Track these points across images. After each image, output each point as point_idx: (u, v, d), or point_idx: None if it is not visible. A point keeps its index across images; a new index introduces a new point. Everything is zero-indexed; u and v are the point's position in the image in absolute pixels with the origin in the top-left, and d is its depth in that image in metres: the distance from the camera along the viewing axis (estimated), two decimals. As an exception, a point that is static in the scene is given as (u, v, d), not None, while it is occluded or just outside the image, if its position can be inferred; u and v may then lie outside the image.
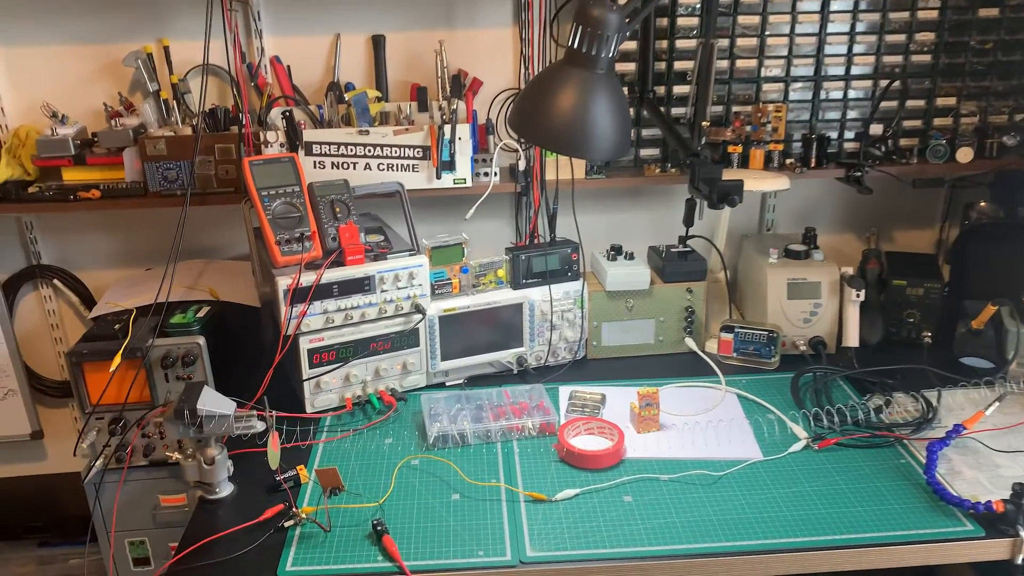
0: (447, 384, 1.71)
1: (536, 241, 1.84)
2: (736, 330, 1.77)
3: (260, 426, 1.35)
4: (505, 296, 1.69)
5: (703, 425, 1.55)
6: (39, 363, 2.02)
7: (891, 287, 1.81)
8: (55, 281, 1.95)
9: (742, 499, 1.34)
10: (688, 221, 1.84)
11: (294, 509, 1.30)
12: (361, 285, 1.55)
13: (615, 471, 1.42)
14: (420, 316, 1.61)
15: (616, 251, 1.80)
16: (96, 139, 1.77)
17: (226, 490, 1.38)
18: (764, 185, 1.63)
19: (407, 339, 1.62)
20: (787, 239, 1.91)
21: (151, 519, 1.67)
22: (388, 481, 1.40)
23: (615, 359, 1.81)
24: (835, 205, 2.05)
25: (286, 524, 1.29)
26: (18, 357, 1.94)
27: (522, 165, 1.79)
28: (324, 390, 1.58)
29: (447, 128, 1.70)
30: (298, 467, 1.40)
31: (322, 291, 1.52)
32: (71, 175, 1.78)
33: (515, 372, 1.74)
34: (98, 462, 1.54)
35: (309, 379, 1.56)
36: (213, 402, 1.33)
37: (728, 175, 1.55)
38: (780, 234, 2.02)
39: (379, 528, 1.26)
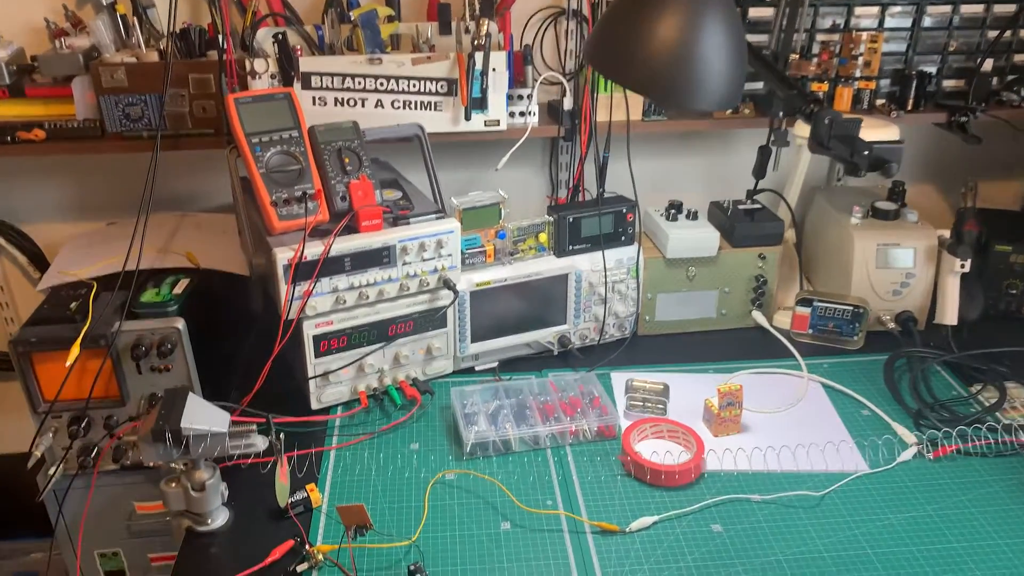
0: (476, 369, 1.44)
1: (581, 198, 1.54)
2: (815, 304, 1.51)
3: (261, 444, 1.07)
4: (548, 265, 1.40)
5: (788, 424, 1.30)
6: (-18, 332, 1.71)
7: (992, 253, 1.56)
8: (-4, 237, 1.62)
9: (853, 527, 1.11)
10: (760, 172, 1.56)
11: (308, 547, 1.04)
12: (379, 257, 1.25)
13: (695, 489, 1.18)
14: (451, 294, 1.32)
15: (676, 209, 1.51)
16: (36, 64, 1.42)
17: (220, 519, 1.11)
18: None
19: (432, 320, 1.34)
20: (869, 194, 1.63)
21: (125, 529, 1.41)
22: (419, 505, 1.14)
23: (670, 336, 1.55)
24: (917, 153, 1.77)
25: (298, 569, 1.03)
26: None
27: (568, 104, 1.47)
28: (333, 382, 1.30)
29: (478, 57, 1.38)
30: (308, 487, 1.14)
31: (331, 265, 1.22)
32: (7, 109, 1.43)
33: (555, 353, 1.47)
34: (56, 470, 1.26)
35: (315, 374, 1.28)
36: (201, 416, 1.04)
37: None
38: (859, 187, 1.74)
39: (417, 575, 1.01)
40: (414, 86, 1.40)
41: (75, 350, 1.18)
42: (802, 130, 1.41)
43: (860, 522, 1.12)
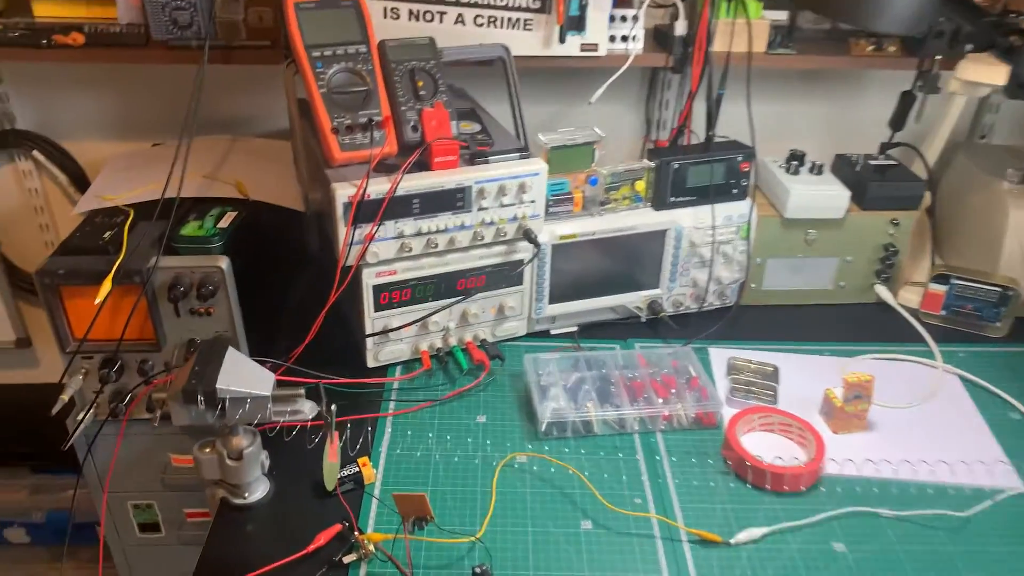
0: (552, 333, 1.26)
1: (686, 141, 1.33)
2: (953, 282, 1.28)
3: (309, 411, 0.92)
4: (644, 219, 1.21)
5: (919, 423, 1.10)
6: (21, 255, 1.59)
7: None
8: (35, 153, 1.48)
9: (1009, 560, 0.92)
10: (898, 123, 1.32)
11: (357, 534, 0.89)
12: (452, 200, 1.07)
13: (810, 497, 0.99)
14: (532, 248, 1.14)
15: (798, 160, 1.29)
16: (76, -41, 1.25)
17: (259, 492, 0.97)
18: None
19: (507, 275, 1.16)
20: (1022, 155, 1.38)
21: (159, 481, 1.29)
22: (486, 492, 0.98)
23: (778, 308, 1.34)
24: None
25: (345, 559, 0.88)
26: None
27: (680, 28, 1.25)
28: (393, 339, 1.14)
29: (579, -32, 1.17)
30: (360, 461, 0.99)
31: (397, 207, 1.05)
32: (44, 9, 1.27)
33: (643, 320, 1.29)
34: (84, 416, 1.14)
35: (374, 330, 1.12)
36: (241, 375, 0.89)
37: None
38: (1010, 146, 1.48)
39: (483, 581, 0.85)
40: (501, 0, 1.20)
41: (106, 286, 1.04)
42: (968, 72, 1.17)
43: (1019, 553, 0.92)
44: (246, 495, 0.95)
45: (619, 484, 0.99)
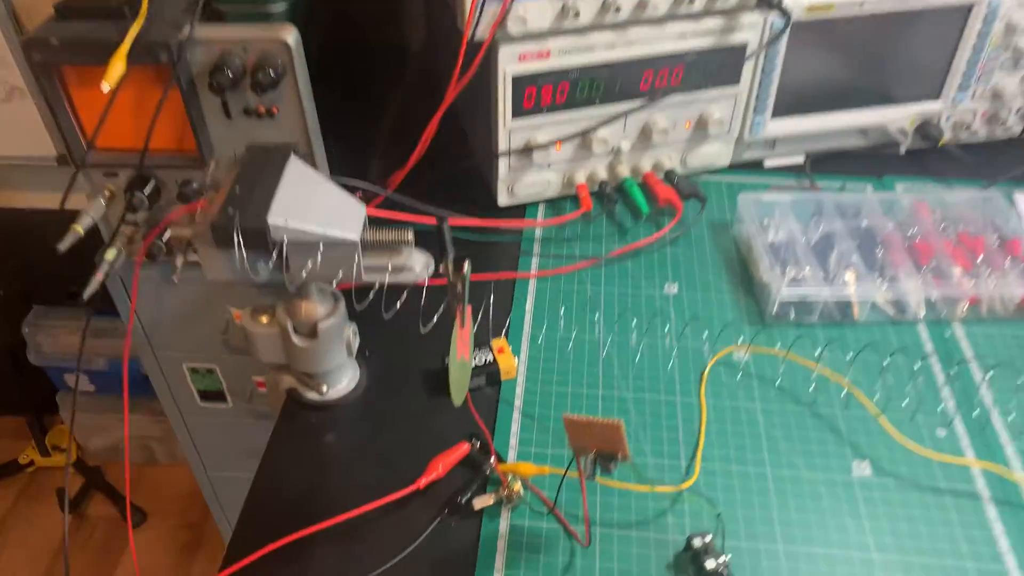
0: (766, 166, 0.86)
1: None
2: None
3: (422, 266, 0.56)
4: (939, -15, 0.76)
5: None
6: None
7: None
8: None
9: None
10: None
11: (494, 463, 0.56)
12: (652, -71, 0.65)
13: None
14: (777, 16, 0.71)
15: None
16: None
17: (343, 385, 0.64)
18: None
19: (719, 68, 0.75)
20: None
21: (221, 343, 1.00)
22: (690, 405, 0.62)
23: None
24: None
25: (476, 502, 0.55)
26: (12, 24, 1.18)
27: None
28: (538, 164, 0.77)
29: None
30: (495, 345, 0.64)
31: (562, -63, 0.63)
32: None
33: (902, 152, 0.86)
34: (109, 254, 0.82)
35: (510, 146, 0.74)
36: (312, 206, 0.53)
37: None
38: None
39: (709, 566, 0.51)
40: None
41: (116, 65, 0.68)
42: None
43: None
44: (323, 389, 0.62)
45: (901, 399, 0.62)
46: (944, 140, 0.83)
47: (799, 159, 0.85)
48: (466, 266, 0.47)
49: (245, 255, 0.50)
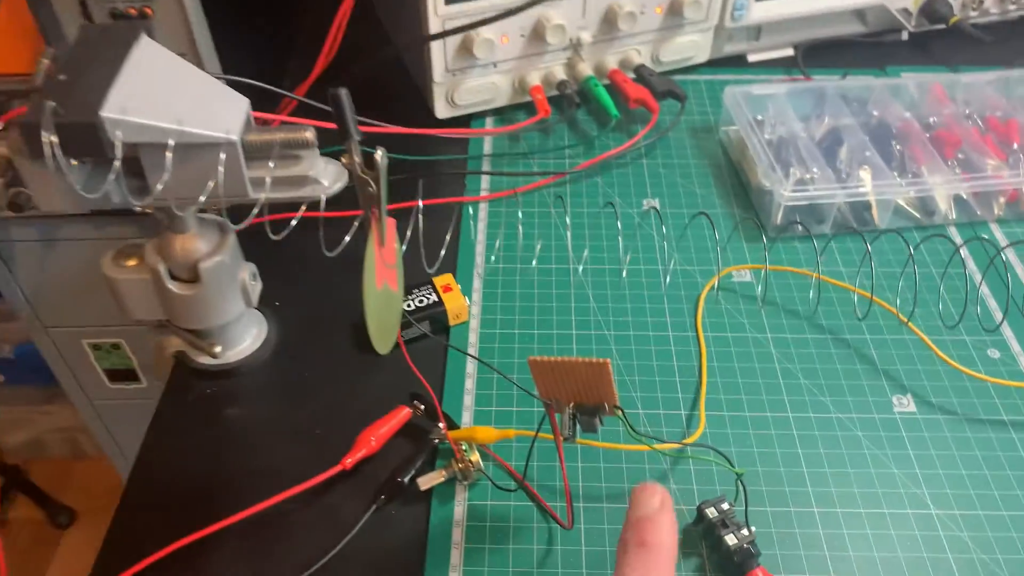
0: (751, 60, 0.73)
1: None
2: None
3: (332, 178, 0.42)
4: None
5: None
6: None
7: None
8: None
9: None
10: None
11: (444, 430, 0.43)
12: None
13: None
14: None
15: None
16: None
17: (243, 344, 0.50)
18: None
19: (694, -66, 0.61)
20: None
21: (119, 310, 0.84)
22: (683, 339, 0.50)
23: None
24: None
25: (421, 483, 0.42)
26: None
27: None
28: (482, 62, 0.62)
29: None
30: (439, 281, 0.51)
31: None
32: None
33: (905, 37, 0.74)
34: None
35: (444, 32, 0.59)
36: (170, 95, 0.39)
37: None
38: None
39: (730, 542, 0.39)
40: None
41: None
42: None
43: None
44: (216, 350, 0.48)
45: (944, 319, 0.50)
46: (953, 19, 0.71)
47: (788, 52, 0.73)
48: (380, 155, 0.33)
49: (69, 163, 0.36)
